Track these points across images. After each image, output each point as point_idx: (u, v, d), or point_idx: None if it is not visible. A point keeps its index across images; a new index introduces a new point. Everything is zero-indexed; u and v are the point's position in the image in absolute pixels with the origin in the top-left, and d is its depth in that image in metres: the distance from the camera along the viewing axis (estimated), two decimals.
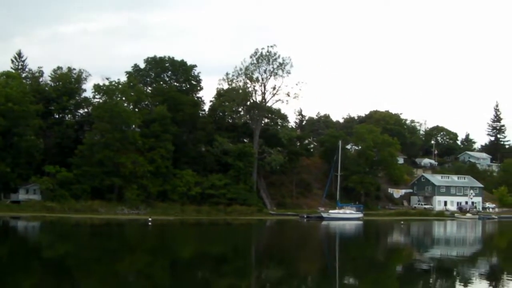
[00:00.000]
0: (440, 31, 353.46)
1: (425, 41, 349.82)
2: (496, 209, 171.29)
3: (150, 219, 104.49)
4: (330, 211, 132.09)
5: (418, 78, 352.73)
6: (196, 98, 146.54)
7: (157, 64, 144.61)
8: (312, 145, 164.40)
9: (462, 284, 43.18)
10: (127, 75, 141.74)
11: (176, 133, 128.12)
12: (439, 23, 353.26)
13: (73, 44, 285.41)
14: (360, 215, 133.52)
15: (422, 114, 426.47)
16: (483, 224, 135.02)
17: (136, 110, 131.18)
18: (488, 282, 44.46)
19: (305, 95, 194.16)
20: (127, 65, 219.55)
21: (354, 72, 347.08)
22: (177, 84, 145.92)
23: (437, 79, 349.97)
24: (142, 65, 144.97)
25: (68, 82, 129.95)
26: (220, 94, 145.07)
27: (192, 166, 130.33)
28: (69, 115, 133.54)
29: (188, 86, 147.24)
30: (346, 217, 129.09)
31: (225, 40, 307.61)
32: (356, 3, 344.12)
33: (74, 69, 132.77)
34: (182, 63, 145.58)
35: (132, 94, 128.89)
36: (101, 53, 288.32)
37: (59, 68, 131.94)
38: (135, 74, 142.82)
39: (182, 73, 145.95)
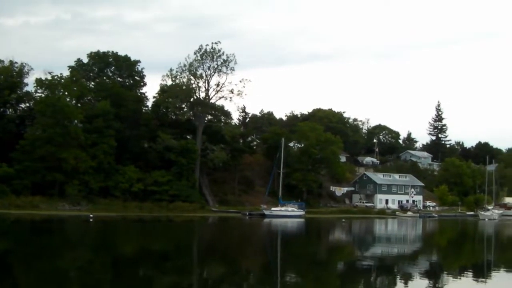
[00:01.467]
0: (381, 30, 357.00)
1: (367, 40, 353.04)
2: (437, 208, 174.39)
3: (91, 215, 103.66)
4: (272, 208, 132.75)
5: (361, 77, 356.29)
6: (139, 94, 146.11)
7: (100, 59, 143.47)
8: (255, 143, 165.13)
9: (402, 281, 43.70)
10: (70, 69, 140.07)
11: (119, 129, 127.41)
12: (380, 21, 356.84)
13: (15, 37, 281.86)
14: (302, 212, 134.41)
15: (365, 113, 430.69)
16: (423, 222, 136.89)
17: (79, 105, 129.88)
18: (428, 279, 45.09)
19: (249, 92, 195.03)
20: (70, 59, 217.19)
21: (297, 69, 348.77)
22: (121, 80, 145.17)
23: (380, 78, 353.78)
24: (85, 60, 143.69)
25: (10, 75, 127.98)
26: (163, 90, 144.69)
27: (135, 162, 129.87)
28: (10, 109, 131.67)
29: (131, 81, 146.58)
30: (288, 215, 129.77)
31: (170, 36, 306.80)
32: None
33: (16, 62, 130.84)
34: (126, 58, 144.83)
35: (75, 89, 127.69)
36: (44, 47, 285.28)
37: (0, 61, 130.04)
38: (78, 68, 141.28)
39: (126, 69, 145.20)
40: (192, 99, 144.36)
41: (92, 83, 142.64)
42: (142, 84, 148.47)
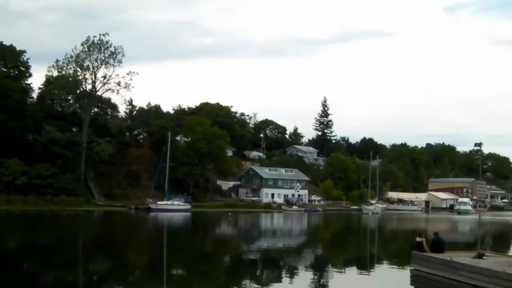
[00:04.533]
0: (268, 25, 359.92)
1: (253, 34, 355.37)
2: (322, 202, 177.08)
3: None
4: (158, 202, 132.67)
5: (248, 71, 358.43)
6: (24, 85, 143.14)
7: None
8: (142, 136, 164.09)
9: (288, 274, 44.42)
10: None
11: (2, 121, 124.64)
12: (266, 16, 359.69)
13: None
14: (188, 206, 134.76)
15: (252, 108, 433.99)
16: (308, 216, 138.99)
17: None
18: (313, 272, 46.04)
19: (136, 85, 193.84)
20: None
21: (185, 63, 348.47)
22: (5, 70, 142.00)
23: (267, 73, 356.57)
24: None
25: None
26: (49, 81, 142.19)
27: (19, 154, 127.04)
28: None
29: (16, 72, 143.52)
30: (174, 209, 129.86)
31: (58, 26, 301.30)
32: None
33: None
34: (11, 48, 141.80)
35: None
36: None
37: None
38: None
39: (10, 59, 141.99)
40: (78, 91, 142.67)
41: None
42: (27, 75, 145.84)
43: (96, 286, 37.84)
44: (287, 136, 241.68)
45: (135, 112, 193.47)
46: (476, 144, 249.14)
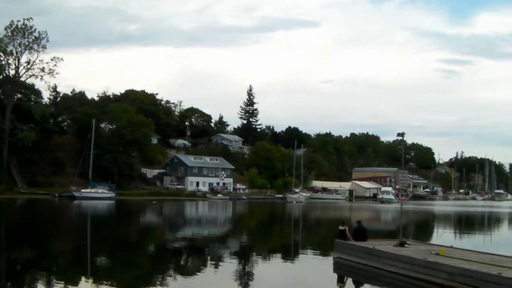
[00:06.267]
0: (194, 12, 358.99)
1: (180, 22, 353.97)
2: (246, 190, 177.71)
3: None
4: (82, 190, 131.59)
5: (174, 59, 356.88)
6: None
7: None
8: (66, 123, 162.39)
9: (213, 262, 44.49)
10: None
11: None
12: (193, 4, 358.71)
13: None
14: (112, 194, 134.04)
15: (177, 95, 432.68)
16: (233, 205, 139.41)
17: None
18: (238, 260, 46.21)
19: (61, 71, 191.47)
20: None
21: (110, 49, 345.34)
22: None
23: (192, 60, 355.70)
24: None
25: None
26: None
27: None
28: None
29: None
30: (98, 197, 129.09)
31: None
32: None
33: None
34: None
35: None
36: None
37: None
38: None
39: None
40: (1, 77, 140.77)
41: None
42: None
43: (19, 276, 37.32)
44: (212, 124, 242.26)
45: (59, 98, 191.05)
46: (398, 134, 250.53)
